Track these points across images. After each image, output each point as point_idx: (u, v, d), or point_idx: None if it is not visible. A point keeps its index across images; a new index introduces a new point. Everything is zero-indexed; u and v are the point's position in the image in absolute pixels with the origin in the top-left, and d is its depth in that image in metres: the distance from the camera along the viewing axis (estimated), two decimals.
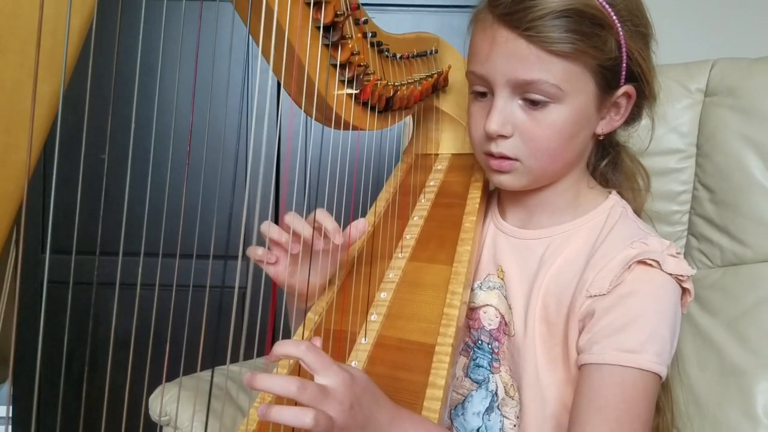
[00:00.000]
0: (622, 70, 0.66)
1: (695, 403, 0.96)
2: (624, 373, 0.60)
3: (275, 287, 0.67)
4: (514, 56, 0.64)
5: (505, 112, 0.66)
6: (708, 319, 0.99)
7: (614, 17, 0.64)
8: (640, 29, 0.66)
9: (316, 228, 0.65)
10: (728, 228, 0.98)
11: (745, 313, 0.95)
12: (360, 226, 0.67)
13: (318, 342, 0.53)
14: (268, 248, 0.68)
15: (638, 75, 0.67)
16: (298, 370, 0.61)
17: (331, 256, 0.70)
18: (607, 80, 0.65)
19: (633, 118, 0.72)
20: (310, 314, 0.72)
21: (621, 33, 0.64)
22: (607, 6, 0.64)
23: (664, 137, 1.04)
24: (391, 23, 0.94)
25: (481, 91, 0.69)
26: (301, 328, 0.70)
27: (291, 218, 0.65)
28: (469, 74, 0.70)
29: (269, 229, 0.65)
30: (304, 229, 0.65)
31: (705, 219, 1.01)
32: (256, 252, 0.66)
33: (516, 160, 0.68)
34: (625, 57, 0.65)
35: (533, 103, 0.65)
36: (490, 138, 0.68)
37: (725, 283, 0.98)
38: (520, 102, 0.66)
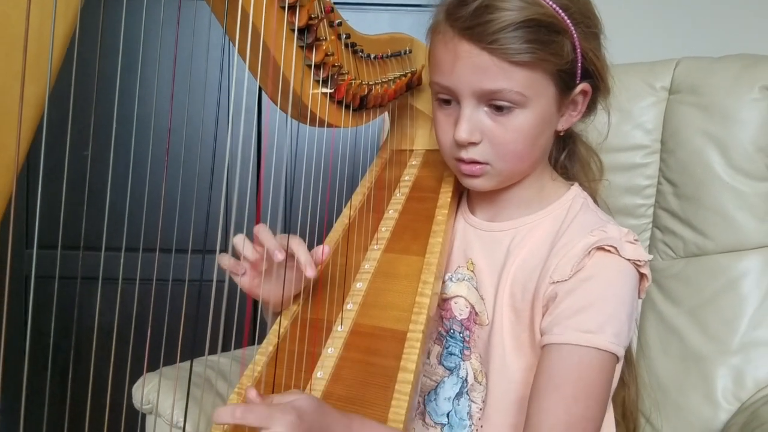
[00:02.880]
0: (577, 70, 0.69)
1: (659, 388, 1.01)
2: (582, 352, 0.63)
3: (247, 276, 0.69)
4: (478, 69, 0.66)
5: (473, 120, 0.69)
6: (671, 307, 1.03)
7: (568, 21, 0.66)
8: (593, 29, 0.69)
9: (288, 254, 0.66)
10: (691, 220, 1.02)
11: (706, 302, 1.00)
12: (324, 252, 0.69)
13: (253, 393, 0.54)
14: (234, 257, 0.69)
15: (593, 73, 0.70)
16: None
17: (299, 273, 0.70)
18: (565, 82, 0.69)
19: (589, 111, 0.76)
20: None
21: (575, 36, 0.67)
22: (561, 12, 0.66)
23: (630, 133, 1.08)
24: (368, 22, 0.97)
25: (446, 99, 0.71)
26: (279, 318, 0.73)
27: (264, 236, 0.66)
28: (433, 84, 0.72)
29: (243, 245, 0.67)
30: (273, 248, 0.65)
31: (669, 212, 1.05)
32: (225, 262, 0.68)
33: (486, 163, 0.71)
34: (580, 58, 0.68)
35: (498, 109, 0.68)
36: (460, 145, 0.70)
37: (688, 273, 1.02)
38: (485, 109, 0.68)
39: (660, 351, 1.02)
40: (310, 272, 0.65)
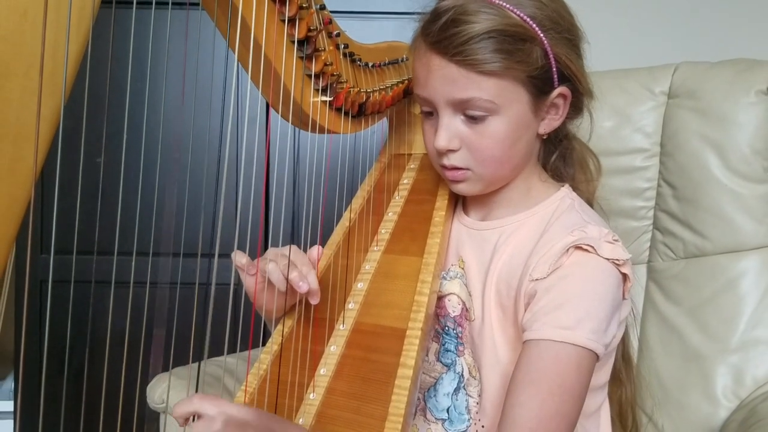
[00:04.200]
0: (552, 75, 0.71)
1: (660, 387, 1.02)
2: (558, 348, 0.64)
3: (256, 283, 0.72)
4: (448, 80, 0.69)
5: (450, 129, 0.72)
6: (672, 307, 1.05)
7: (536, 29, 0.69)
8: (564, 35, 0.71)
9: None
10: (690, 222, 1.04)
11: (705, 302, 1.01)
12: (319, 253, 0.72)
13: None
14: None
15: (569, 76, 0.72)
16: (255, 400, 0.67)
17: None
18: (538, 87, 0.71)
19: (575, 113, 0.78)
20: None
21: (545, 42, 0.69)
22: (528, 20, 0.68)
23: (630, 137, 1.09)
24: (372, 30, 1.00)
25: (428, 111, 0.75)
26: (283, 318, 0.76)
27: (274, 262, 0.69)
28: (415, 96, 0.77)
29: (268, 266, 0.69)
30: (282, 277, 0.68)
31: (668, 214, 1.07)
32: (240, 260, 0.70)
33: (467, 169, 0.74)
34: (553, 63, 0.70)
35: (473, 118, 0.71)
36: (441, 153, 0.74)
37: (688, 274, 1.04)
38: (462, 118, 0.72)
39: (661, 350, 1.04)
40: (315, 300, 0.69)
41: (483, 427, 0.75)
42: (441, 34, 0.68)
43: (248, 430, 0.54)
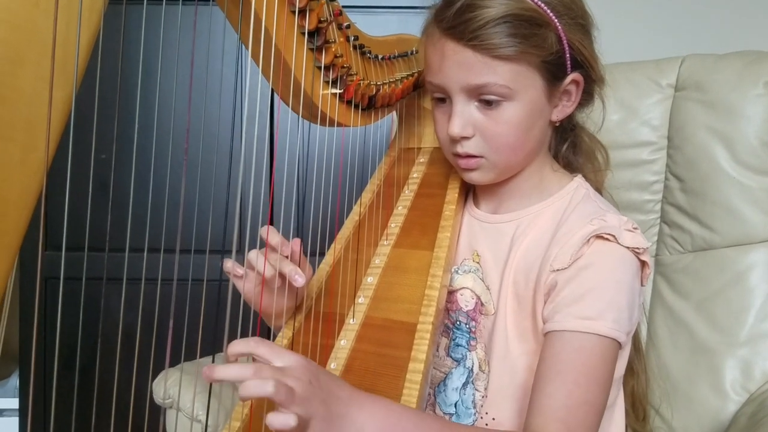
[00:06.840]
0: (566, 61, 0.71)
1: (668, 380, 1.02)
2: (583, 338, 0.65)
3: (264, 280, 0.71)
4: (463, 65, 0.69)
5: (464, 115, 0.72)
6: (680, 301, 1.04)
7: (551, 14, 0.69)
8: (578, 21, 0.71)
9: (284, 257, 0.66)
10: (698, 215, 1.03)
11: (714, 295, 1.01)
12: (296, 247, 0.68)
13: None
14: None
15: (582, 62, 0.72)
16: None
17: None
18: (552, 73, 0.70)
19: (586, 101, 0.77)
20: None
21: (559, 27, 0.69)
22: (542, 5, 0.68)
23: (637, 130, 1.09)
24: (377, 24, 1.00)
25: (441, 97, 0.74)
26: (293, 313, 0.75)
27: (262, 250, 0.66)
28: (427, 83, 0.76)
29: (257, 260, 0.67)
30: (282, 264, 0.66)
31: (676, 207, 1.06)
32: (227, 264, 0.69)
33: (481, 157, 0.73)
34: (567, 48, 0.70)
35: (488, 104, 0.70)
36: (454, 140, 0.73)
37: (696, 267, 1.03)
38: (476, 104, 0.71)
39: (669, 344, 1.03)
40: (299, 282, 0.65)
41: (494, 419, 0.74)
42: (456, 20, 0.68)
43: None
